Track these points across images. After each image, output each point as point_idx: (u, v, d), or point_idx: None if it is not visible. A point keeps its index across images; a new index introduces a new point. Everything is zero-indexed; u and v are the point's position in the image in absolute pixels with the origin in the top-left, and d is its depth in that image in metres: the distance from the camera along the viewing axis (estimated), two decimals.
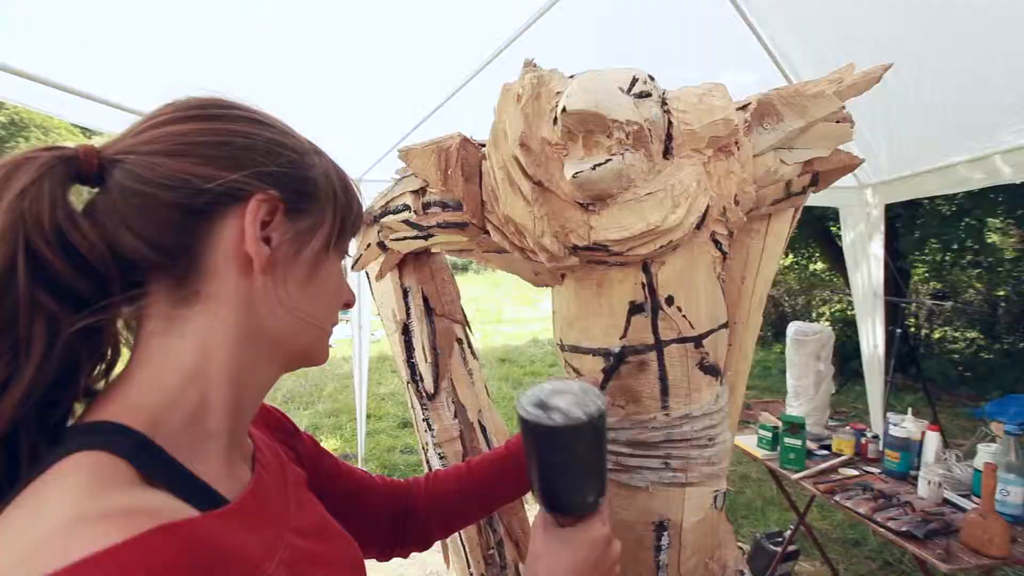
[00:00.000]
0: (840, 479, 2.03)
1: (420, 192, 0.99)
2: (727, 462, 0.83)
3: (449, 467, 0.81)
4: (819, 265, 8.52)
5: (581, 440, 0.57)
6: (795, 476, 2.08)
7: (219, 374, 0.43)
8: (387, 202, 1.05)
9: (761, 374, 6.61)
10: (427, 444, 1.15)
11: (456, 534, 1.14)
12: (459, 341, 1.21)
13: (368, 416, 4.48)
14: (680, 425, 0.77)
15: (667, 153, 0.72)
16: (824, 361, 2.41)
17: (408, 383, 1.17)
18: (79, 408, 0.41)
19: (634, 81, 0.68)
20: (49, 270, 0.38)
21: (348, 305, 0.56)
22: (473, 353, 1.24)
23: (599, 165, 0.63)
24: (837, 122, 0.76)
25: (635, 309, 0.74)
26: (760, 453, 2.32)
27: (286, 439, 0.61)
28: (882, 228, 2.99)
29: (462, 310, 1.23)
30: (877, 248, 3.03)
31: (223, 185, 0.41)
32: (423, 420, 1.15)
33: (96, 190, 0.42)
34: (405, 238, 1.04)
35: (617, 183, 0.66)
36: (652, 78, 0.72)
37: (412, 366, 1.17)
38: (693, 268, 0.74)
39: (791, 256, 8.34)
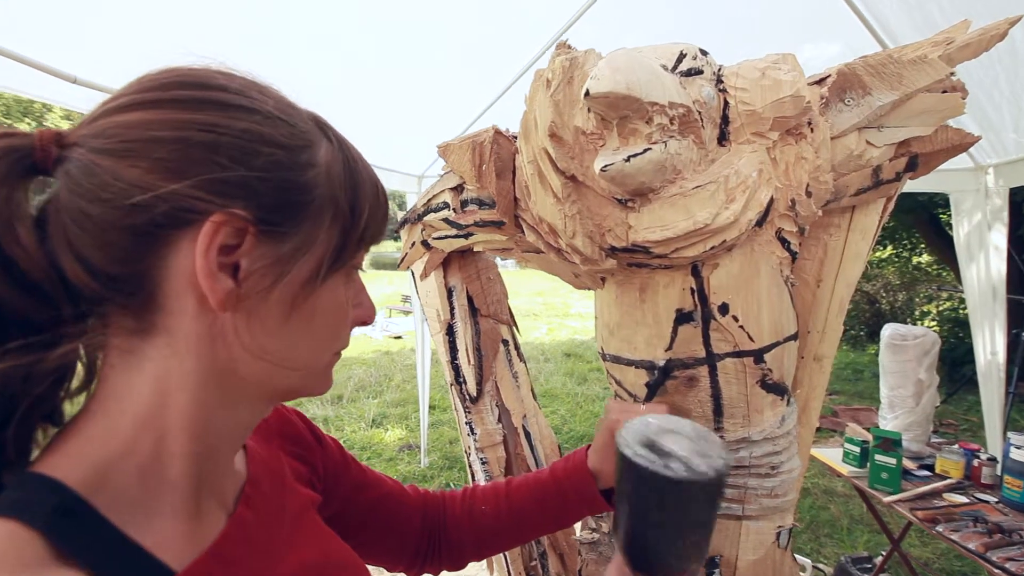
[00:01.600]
0: (944, 506, 1.77)
1: (458, 189, 0.95)
2: (794, 494, 0.72)
3: (488, 485, 0.73)
4: (924, 257, 7.60)
5: (701, 500, 0.48)
6: (887, 499, 1.84)
7: (178, 419, 0.36)
8: (429, 200, 1.02)
9: (851, 377, 6.01)
10: (469, 448, 1.12)
11: None
12: (505, 343, 1.17)
13: (432, 407, 4.60)
14: (736, 450, 0.68)
15: (723, 139, 0.63)
16: (927, 369, 2.11)
17: (452, 385, 1.15)
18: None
19: (681, 57, 0.59)
20: None
21: (364, 323, 0.47)
22: (520, 355, 1.19)
23: (634, 156, 0.55)
24: (944, 92, 0.63)
25: (683, 318, 0.65)
26: (846, 469, 2.08)
27: (302, 452, 0.56)
28: (1006, 216, 2.57)
29: (509, 310, 1.19)
30: (999, 239, 2.60)
31: (168, 200, 0.32)
32: (466, 424, 1.12)
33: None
34: (446, 237, 1.01)
35: (659, 176, 0.57)
36: (705, 52, 0.62)
37: (456, 368, 1.14)
38: (753, 271, 0.64)
39: (890, 247, 7.50)
